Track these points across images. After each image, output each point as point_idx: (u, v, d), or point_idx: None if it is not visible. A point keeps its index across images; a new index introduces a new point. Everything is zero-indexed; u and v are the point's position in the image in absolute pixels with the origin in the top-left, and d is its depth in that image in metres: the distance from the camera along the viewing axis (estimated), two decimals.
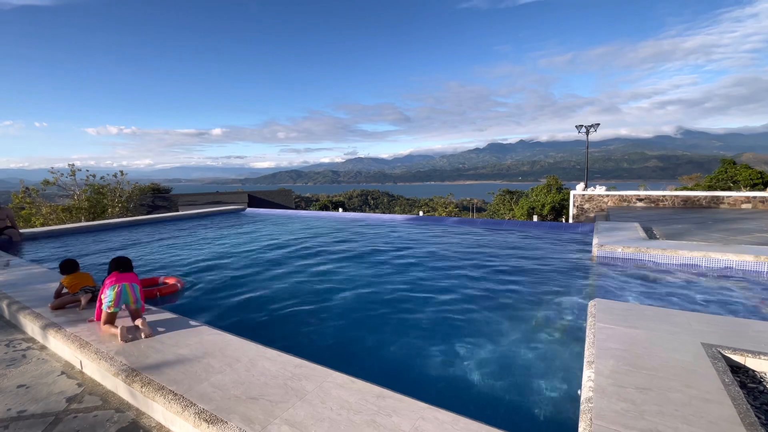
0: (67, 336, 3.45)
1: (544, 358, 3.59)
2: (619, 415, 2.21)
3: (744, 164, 32.96)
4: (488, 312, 4.72)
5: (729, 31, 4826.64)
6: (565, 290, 5.40)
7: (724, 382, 2.53)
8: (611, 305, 3.97)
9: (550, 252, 7.86)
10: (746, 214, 13.02)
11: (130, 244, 9.69)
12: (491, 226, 11.91)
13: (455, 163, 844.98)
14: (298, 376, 2.71)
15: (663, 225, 10.68)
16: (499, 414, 2.84)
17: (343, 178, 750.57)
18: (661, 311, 3.79)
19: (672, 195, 16.23)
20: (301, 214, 16.38)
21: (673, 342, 3.11)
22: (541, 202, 35.98)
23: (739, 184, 29.26)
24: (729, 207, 15.17)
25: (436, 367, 3.46)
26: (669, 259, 6.53)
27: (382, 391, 2.50)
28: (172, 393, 2.53)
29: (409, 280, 6.09)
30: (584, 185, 18.45)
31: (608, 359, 2.86)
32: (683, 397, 2.38)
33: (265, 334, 4.23)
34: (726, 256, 6.18)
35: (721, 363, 2.77)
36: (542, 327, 4.27)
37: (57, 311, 4.03)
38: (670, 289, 5.33)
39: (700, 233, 9.13)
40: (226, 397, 2.48)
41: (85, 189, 25.78)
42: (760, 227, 9.91)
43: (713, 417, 2.17)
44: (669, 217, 12.85)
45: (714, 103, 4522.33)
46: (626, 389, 2.47)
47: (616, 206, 16.72)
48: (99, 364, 3.01)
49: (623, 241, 7.37)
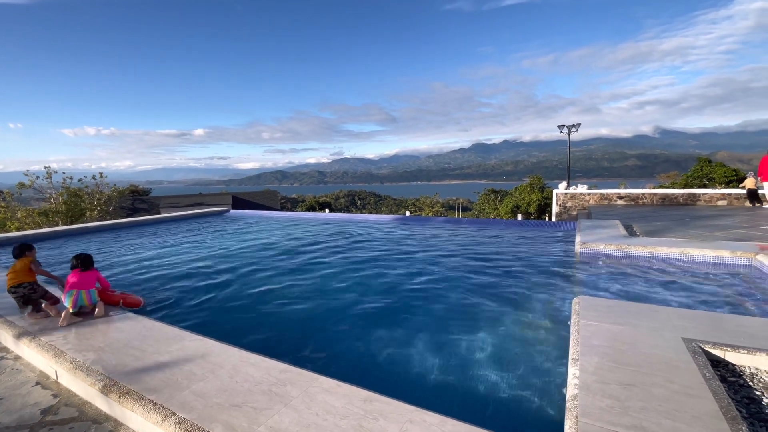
0: (41, 345, 3.31)
1: (529, 356, 3.61)
2: (604, 412, 2.23)
3: (719, 162, 34.11)
4: (473, 311, 4.73)
5: (705, 32, 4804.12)
6: (549, 288, 5.46)
7: (705, 376, 2.58)
8: (595, 302, 4.03)
9: (534, 250, 7.95)
10: (722, 211, 13.45)
11: (108, 248, 9.41)
12: (477, 225, 12.00)
13: (441, 163, 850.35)
14: (283, 382, 2.66)
15: (643, 222, 10.94)
16: (485, 413, 2.83)
17: (330, 178, 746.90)
18: (643, 307, 3.87)
19: (651, 193, 16.65)
20: (287, 216, 16.20)
21: (655, 338, 3.17)
22: (525, 201, 36.49)
23: (714, 181, 30.25)
24: (705, 204, 15.64)
25: (421, 368, 3.44)
26: (649, 255, 6.68)
27: (368, 395, 2.47)
28: (151, 403, 2.44)
29: (395, 281, 6.07)
30: (566, 184, 18.77)
31: (593, 356, 2.89)
32: (666, 392, 2.42)
33: (249, 339, 4.14)
34: (703, 251, 6.35)
35: (701, 357, 2.83)
36: (527, 325, 4.30)
37: (32, 319, 3.88)
38: (650, 285, 5.44)
39: (678, 230, 9.37)
40: (209, 405, 2.41)
41: (62, 192, 24.97)
42: (736, 223, 10.24)
43: (696, 412, 2.21)
44: (648, 214, 13.17)
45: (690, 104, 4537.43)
46: (611, 386, 2.50)
47: (598, 204, 17.07)
48: (75, 374, 2.89)
49: (605, 239, 7.51)
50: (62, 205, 24.04)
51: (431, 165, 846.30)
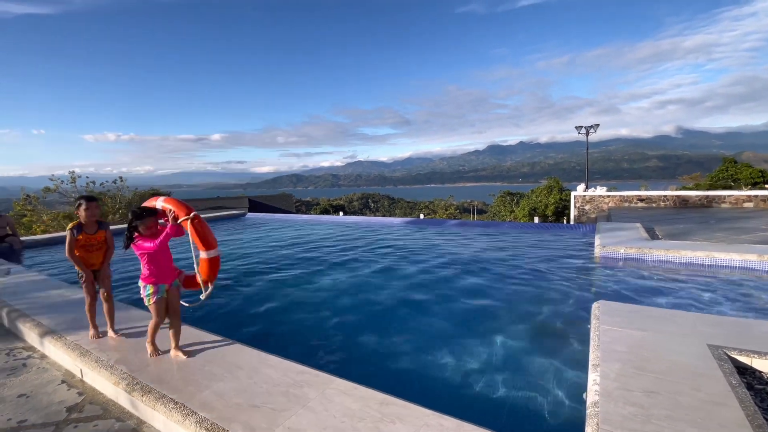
0: (67, 344, 3.43)
1: (549, 360, 3.56)
2: (627, 420, 2.18)
3: (745, 163, 32.88)
4: (492, 314, 4.69)
5: (728, 30, 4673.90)
6: (568, 292, 5.37)
7: (732, 384, 2.49)
8: (615, 307, 3.94)
9: (552, 253, 7.83)
10: (748, 213, 12.97)
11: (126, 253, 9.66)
12: (493, 227, 11.88)
13: (455, 166, 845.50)
14: (300, 383, 2.68)
15: (665, 225, 10.65)
16: (502, 419, 2.80)
17: (344, 181, 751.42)
18: (665, 312, 3.76)
19: (673, 195, 16.19)
20: (303, 218, 16.37)
21: (679, 344, 3.08)
22: (543, 203, 35.90)
23: (740, 182, 29.19)
24: (731, 206, 15.12)
25: (439, 372, 3.43)
26: (672, 259, 6.50)
27: (385, 398, 2.47)
28: (173, 402, 2.50)
29: (411, 283, 6.06)
30: (585, 186, 18.41)
31: (614, 362, 2.83)
32: (691, 400, 2.34)
33: (267, 340, 4.21)
34: (729, 255, 6.15)
35: (727, 364, 2.74)
36: (545, 329, 4.23)
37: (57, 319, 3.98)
38: (673, 289, 5.29)
39: (702, 233, 9.09)
40: (228, 406, 2.45)
41: None
42: (762, 226, 9.87)
43: (722, 420, 2.14)
44: (671, 216, 12.81)
45: (714, 102, 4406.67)
46: (633, 393, 2.44)
47: (617, 207, 16.68)
48: (99, 372, 2.98)
49: (625, 242, 7.34)
50: None
51: (445, 167, 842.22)
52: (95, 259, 3.57)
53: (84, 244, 3.47)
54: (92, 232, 3.50)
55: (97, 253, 3.57)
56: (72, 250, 3.41)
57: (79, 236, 3.40)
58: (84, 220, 3.43)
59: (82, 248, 3.47)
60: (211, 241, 3.24)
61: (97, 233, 3.53)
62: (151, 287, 3.01)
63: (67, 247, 3.40)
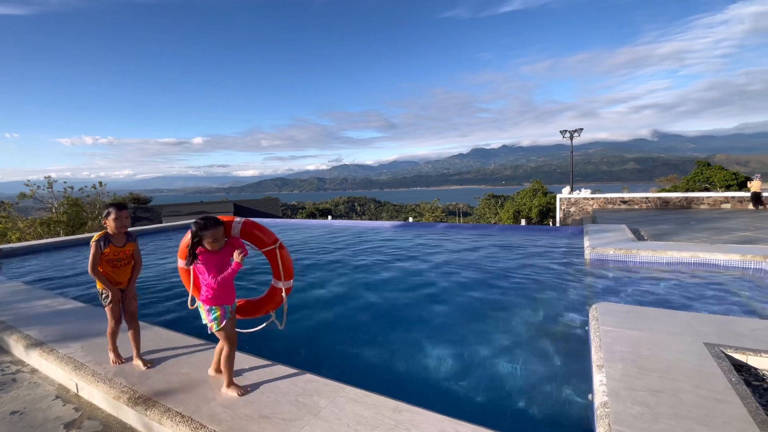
0: (60, 357, 3.30)
1: (550, 361, 3.60)
2: (636, 419, 2.23)
3: (718, 165, 34.20)
4: (489, 316, 4.72)
5: (701, 37, 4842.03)
6: (562, 293, 5.46)
7: (731, 381, 2.58)
8: (612, 308, 4.03)
9: (543, 255, 7.96)
10: (726, 214, 13.48)
11: None
12: (481, 230, 12.01)
13: (440, 169, 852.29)
14: (310, 392, 2.65)
15: (649, 226, 10.96)
16: (508, 420, 2.82)
17: (329, 185, 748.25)
18: (661, 312, 3.87)
19: (655, 197, 16.70)
20: (291, 223, 16.21)
21: (677, 343, 3.17)
22: (527, 206, 36.51)
23: (715, 185, 30.32)
24: (709, 207, 15.68)
25: (438, 375, 3.43)
26: (659, 259, 6.69)
27: (397, 405, 2.46)
28: (179, 415, 2.43)
29: (404, 287, 6.06)
30: (570, 189, 18.82)
31: (617, 362, 2.89)
32: (694, 398, 2.41)
33: (265, 348, 4.13)
34: (714, 255, 6.37)
35: (725, 362, 2.83)
36: (545, 331, 4.29)
37: (46, 330, 3.80)
38: (663, 289, 5.44)
39: (684, 233, 9.39)
40: (238, 417, 2.40)
41: (63, 202, 24.99)
42: (741, 226, 10.27)
43: (726, 417, 2.21)
44: (653, 218, 13.20)
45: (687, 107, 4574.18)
46: (639, 392, 2.49)
47: (601, 208, 17.10)
48: (97, 386, 2.87)
49: (614, 243, 7.52)
50: (63, 215, 24.03)
51: (430, 170, 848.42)
52: (122, 276, 3.12)
53: (111, 258, 3.03)
54: (121, 245, 3.06)
55: (125, 269, 3.13)
56: (96, 265, 2.97)
57: (105, 249, 2.97)
58: (113, 231, 3.02)
59: (108, 263, 3.03)
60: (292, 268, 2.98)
61: (125, 246, 3.09)
62: (218, 309, 2.60)
63: (91, 262, 2.94)
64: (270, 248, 2.82)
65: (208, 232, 2.53)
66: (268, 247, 2.82)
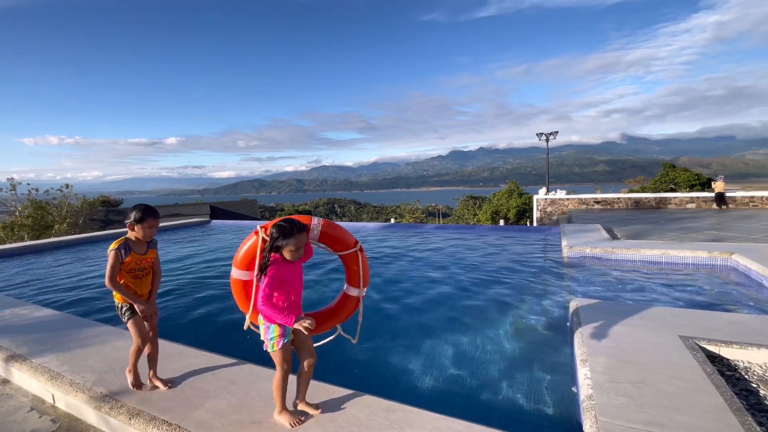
0: (33, 367, 3.13)
1: (533, 357, 3.69)
2: (621, 410, 2.32)
3: (683, 167, 36.00)
4: (471, 314, 4.79)
5: (665, 44, 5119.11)
6: (543, 291, 5.61)
7: (706, 371, 2.72)
8: (591, 304, 4.18)
9: (523, 255, 8.14)
10: (692, 213, 14.18)
11: (84, 264, 9.01)
12: (463, 230, 12.18)
13: (419, 170, 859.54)
14: None
15: (622, 225, 11.40)
16: (496, 416, 2.87)
17: (309, 186, 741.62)
18: (638, 307, 4.03)
19: (626, 197, 17.38)
20: None
21: (654, 336, 3.31)
22: (505, 207, 37.28)
23: (680, 186, 31.86)
24: (676, 207, 16.45)
25: (426, 375, 3.46)
26: (633, 257, 6.97)
27: (390, 404, 2.47)
28: (166, 423, 2.36)
29: (388, 288, 6.08)
30: (546, 190, 19.33)
31: (600, 356, 2.99)
32: (673, 388, 2.53)
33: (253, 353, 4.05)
34: (683, 253, 6.68)
35: (700, 354, 2.98)
36: (527, 327, 4.39)
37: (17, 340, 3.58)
38: (638, 285, 5.67)
39: (655, 232, 9.81)
40: (228, 423, 2.34)
41: (27, 204, 23.77)
42: (707, 225, 10.82)
43: (704, 405, 2.32)
44: (625, 218, 13.74)
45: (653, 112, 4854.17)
46: (622, 384, 2.59)
47: (576, 209, 17.66)
48: (76, 396, 2.75)
49: (590, 242, 7.78)
50: (28, 218, 22.85)
51: (410, 172, 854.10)
52: (144, 288, 2.79)
53: (133, 267, 2.69)
54: (143, 252, 2.73)
55: (146, 280, 2.80)
56: (115, 276, 2.62)
57: (126, 258, 2.64)
58: (141, 238, 2.69)
59: (130, 274, 2.69)
60: None
61: (147, 253, 2.77)
62: (278, 328, 2.24)
63: (109, 272, 2.58)
64: (350, 251, 2.51)
65: (293, 239, 2.14)
66: (348, 250, 2.50)
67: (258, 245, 2.33)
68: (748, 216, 12.64)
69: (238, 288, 2.53)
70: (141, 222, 2.65)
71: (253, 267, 2.34)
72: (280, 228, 2.15)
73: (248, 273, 2.46)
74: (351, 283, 2.60)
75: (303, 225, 2.23)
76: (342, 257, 2.55)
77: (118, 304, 2.73)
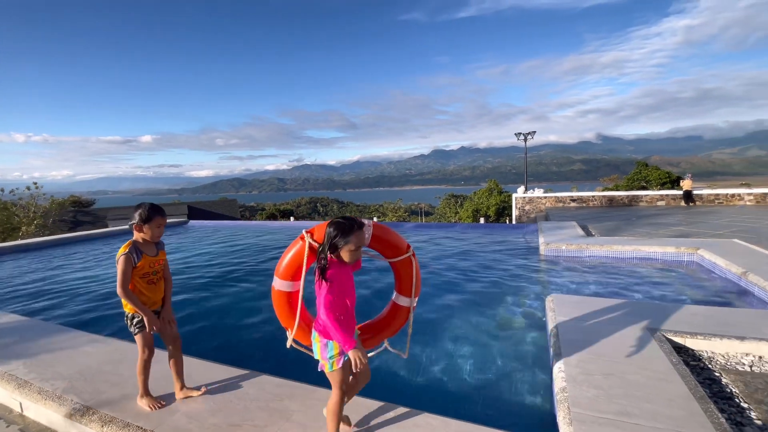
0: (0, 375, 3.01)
1: (512, 351, 3.78)
2: (593, 401, 2.40)
3: (654, 166, 37.41)
4: (450, 312, 4.86)
5: (638, 47, 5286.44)
6: (520, 287, 5.74)
7: (672, 362, 2.84)
8: (566, 299, 4.30)
9: (502, 252, 8.30)
10: (662, 210, 14.76)
11: (53, 267, 8.66)
12: (444, 229, 12.31)
13: (402, 169, 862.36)
14: (280, 396, 2.61)
15: (596, 222, 11.76)
16: (477, 409, 2.93)
17: (290, 185, 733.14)
18: (609, 301, 4.18)
19: (601, 195, 17.93)
20: (252, 225, 15.74)
21: (624, 329, 3.44)
22: (485, 205, 37.84)
23: (651, 183, 33.10)
24: (647, 204, 17.09)
25: (404, 371, 3.50)
26: (606, 253, 7.21)
27: (372, 403, 2.48)
28: (141, 429, 2.31)
29: (367, 286, 6.10)
30: (524, 188, 19.74)
31: (573, 350, 3.09)
32: (641, 378, 2.64)
33: (227, 355, 4.00)
34: (653, 248, 6.96)
35: (666, 345, 3.12)
36: (505, 322, 4.49)
37: None
38: (610, 280, 5.88)
39: (627, 229, 10.17)
40: (205, 427, 2.31)
41: None
42: (675, 222, 11.29)
43: (670, 394, 2.43)
44: (599, 215, 14.18)
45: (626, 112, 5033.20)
46: (594, 376, 2.69)
47: (553, 207, 18.10)
48: (46, 404, 2.65)
49: (566, 239, 8.00)
50: None
51: (393, 171, 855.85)
52: (158, 294, 2.55)
53: (147, 272, 2.47)
54: (154, 254, 2.51)
55: (160, 285, 2.57)
56: (127, 283, 2.38)
57: (139, 262, 2.41)
58: (149, 239, 2.48)
59: (143, 279, 2.46)
60: None
61: (159, 254, 2.56)
62: (337, 346, 1.97)
63: (121, 279, 2.34)
64: (403, 257, 2.29)
65: (353, 237, 1.92)
66: (401, 256, 2.28)
67: (305, 251, 2.12)
68: (713, 212, 13.26)
69: (282, 301, 2.29)
70: (149, 222, 2.44)
71: (299, 276, 2.18)
72: (339, 225, 1.93)
73: (293, 283, 2.24)
74: (402, 291, 2.38)
75: (363, 222, 2.03)
76: (392, 264, 2.34)
77: (128, 314, 2.48)
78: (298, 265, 2.18)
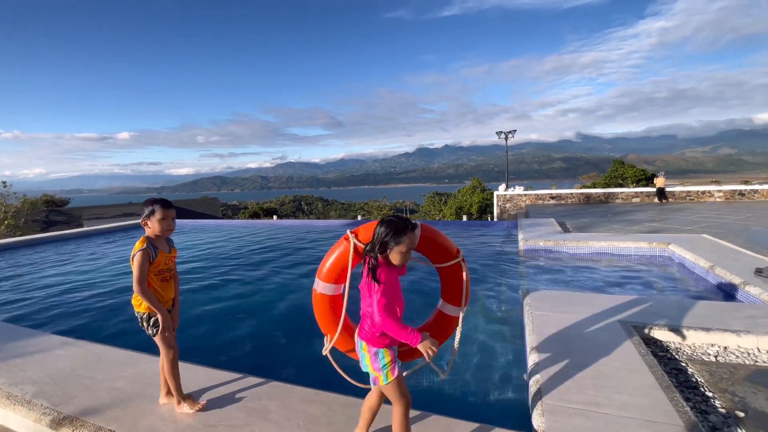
0: None
1: (490, 345, 3.85)
2: (564, 393, 2.48)
3: (630, 164, 38.54)
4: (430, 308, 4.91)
5: (616, 48, 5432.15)
6: (499, 282, 5.84)
7: (641, 353, 2.95)
8: (543, 294, 4.41)
9: (483, 248, 8.43)
10: (636, 207, 15.23)
11: (24, 269, 8.35)
12: None
13: (387, 167, 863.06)
14: (258, 396, 2.60)
15: (573, 219, 12.05)
16: (456, 403, 2.99)
17: (274, 183, 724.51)
18: (583, 296, 4.31)
19: (578, 192, 18.36)
20: (233, 224, 15.50)
21: (596, 322, 3.56)
22: (468, 203, 38.26)
23: (627, 180, 34.08)
24: (623, 201, 17.60)
25: None
26: (582, 248, 7.40)
27: (349, 400, 2.50)
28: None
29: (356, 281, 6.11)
30: (505, 186, 20.04)
31: (548, 343, 3.18)
32: (611, 369, 2.73)
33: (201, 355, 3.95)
34: (626, 244, 7.18)
35: (636, 337, 3.24)
36: (484, 317, 4.57)
37: None
38: (586, 275, 6.05)
39: (603, 225, 10.46)
40: (180, 429, 2.28)
41: None
42: (648, 218, 11.67)
43: (638, 384, 2.53)
44: (576, 212, 14.53)
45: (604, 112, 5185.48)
46: (566, 369, 2.77)
47: (533, 204, 18.45)
48: (14, 410, 2.57)
49: (544, 236, 8.18)
50: None
51: (378, 169, 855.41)
52: (170, 292, 2.47)
53: (162, 269, 2.39)
54: (167, 251, 2.45)
55: (172, 283, 2.51)
56: (145, 280, 2.28)
57: (157, 258, 2.34)
58: (158, 234, 2.38)
59: (158, 276, 2.38)
60: None
61: (172, 251, 2.51)
62: (388, 353, 1.86)
63: (138, 275, 2.24)
64: (452, 263, 2.13)
65: (406, 238, 1.79)
66: (450, 261, 2.13)
67: (350, 253, 2.01)
68: (684, 209, 13.76)
69: (324, 305, 2.15)
70: (152, 215, 2.33)
71: (344, 279, 2.07)
72: (391, 223, 1.79)
73: (337, 287, 2.12)
74: (449, 300, 2.20)
75: (416, 224, 1.91)
76: (440, 269, 2.18)
77: (142, 315, 2.36)
78: (342, 267, 2.06)
